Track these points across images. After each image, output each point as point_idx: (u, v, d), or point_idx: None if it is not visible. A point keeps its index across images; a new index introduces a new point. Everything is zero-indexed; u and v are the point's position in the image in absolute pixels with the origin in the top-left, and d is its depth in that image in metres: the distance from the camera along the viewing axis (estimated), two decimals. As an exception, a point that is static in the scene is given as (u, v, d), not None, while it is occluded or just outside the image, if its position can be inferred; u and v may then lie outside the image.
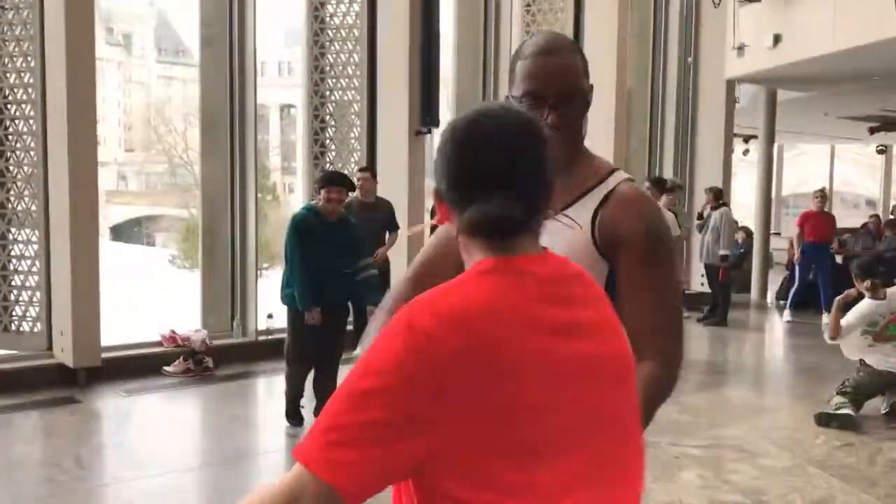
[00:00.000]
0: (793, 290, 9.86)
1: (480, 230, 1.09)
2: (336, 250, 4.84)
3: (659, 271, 1.46)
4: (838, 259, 10.23)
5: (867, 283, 5.72)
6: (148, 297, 11.90)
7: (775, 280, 11.61)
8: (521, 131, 1.10)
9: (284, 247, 4.93)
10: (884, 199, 22.10)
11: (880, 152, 20.36)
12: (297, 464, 0.97)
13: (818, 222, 9.49)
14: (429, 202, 7.11)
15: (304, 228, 4.86)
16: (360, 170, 6.60)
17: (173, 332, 6.45)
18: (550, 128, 1.48)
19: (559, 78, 1.55)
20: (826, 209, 9.89)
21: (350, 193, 5.26)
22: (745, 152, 17.48)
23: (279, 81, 38.88)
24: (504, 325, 1.01)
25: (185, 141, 35.32)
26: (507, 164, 1.08)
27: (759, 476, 4.26)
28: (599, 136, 8.77)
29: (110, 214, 34.96)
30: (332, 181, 4.91)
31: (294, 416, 4.98)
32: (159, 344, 6.42)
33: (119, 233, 36.48)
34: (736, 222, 10.14)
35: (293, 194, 27.13)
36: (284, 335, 5.12)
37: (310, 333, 4.83)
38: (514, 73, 1.60)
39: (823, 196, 9.82)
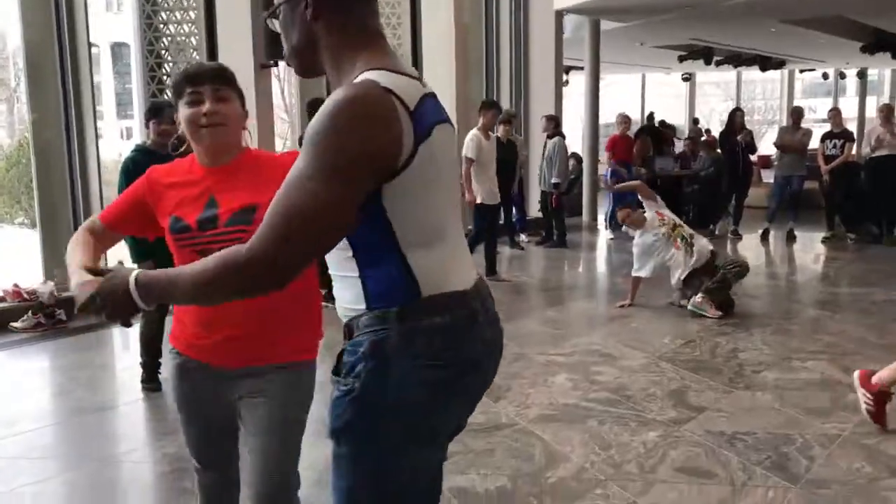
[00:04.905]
0: (608, 211, 10.62)
1: None
2: None
3: (300, 161, 1.40)
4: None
5: (622, 213, 6.50)
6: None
7: (603, 203, 12.40)
8: None
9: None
10: (688, 124, 23.81)
11: (686, 80, 21.88)
12: None
13: (621, 145, 10.27)
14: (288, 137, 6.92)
15: (133, 170, 4.21)
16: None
17: (17, 286, 6.06)
18: None
19: None
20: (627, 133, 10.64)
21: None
22: (565, 83, 18.25)
23: (109, 18, 35.30)
24: None
25: (-30, 82, 32.04)
26: None
27: (621, 375, 4.68)
28: (440, 70, 8.94)
29: None
30: (162, 111, 4.40)
31: (152, 380, 4.59)
32: (2, 300, 6.02)
33: None
34: (568, 151, 10.68)
35: (132, 140, 25.25)
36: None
37: None
38: None
39: (624, 119, 10.58)
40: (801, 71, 23.41)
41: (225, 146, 1.98)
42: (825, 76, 23.17)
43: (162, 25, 7.25)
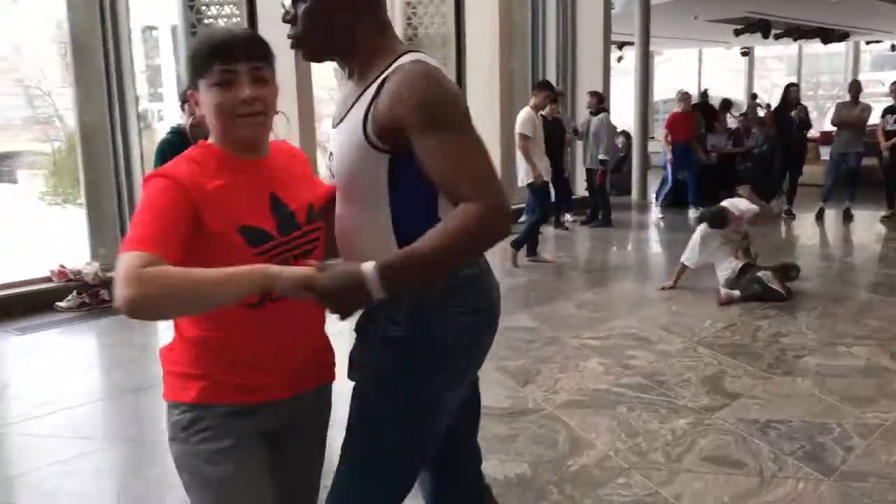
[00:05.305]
0: (666, 190, 10.43)
1: None
2: None
3: (439, 136, 1.47)
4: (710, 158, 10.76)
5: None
6: (23, 235, 11.30)
7: (653, 181, 12.14)
8: None
9: None
10: (747, 100, 23.14)
11: (744, 55, 21.26)
12: None
13: (681, 122, 10.01)
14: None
15: (169, 152, 4.45)
16: None
17: (62, 266, 6.21)
18: None
19: None
20: (688, 110, 10.39)
21: None
22: (619, 59, 17.89)
23: (139, 2, 35.87)
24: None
25: (41, 70, 32.91)
26: None
27: (656, 360, 4.57)
28: (484, 46, 8.82)
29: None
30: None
31: None
32: (49, 280, 6.17)
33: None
34: (615, 127, 10.48)
35: (162, 122, 25.65)
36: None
37: None
38: None
39: (685, 97, 10.31)
40: (868, 43, 22.53)
41: (262, 138, 1.65)
42: (893, 48, 22.26)
43: (204, 7, 7.29)
